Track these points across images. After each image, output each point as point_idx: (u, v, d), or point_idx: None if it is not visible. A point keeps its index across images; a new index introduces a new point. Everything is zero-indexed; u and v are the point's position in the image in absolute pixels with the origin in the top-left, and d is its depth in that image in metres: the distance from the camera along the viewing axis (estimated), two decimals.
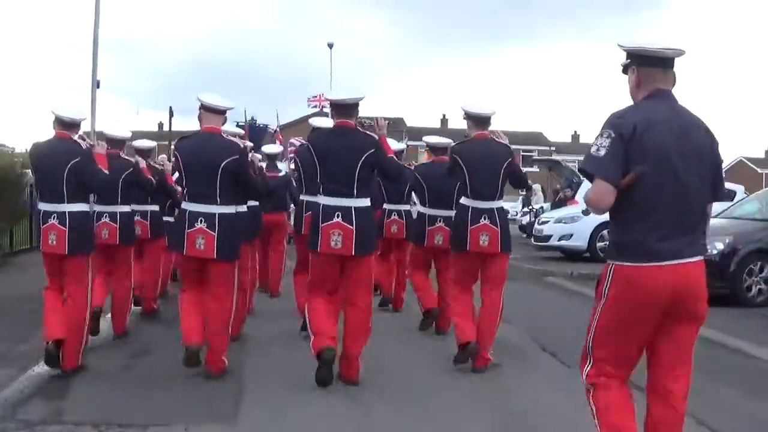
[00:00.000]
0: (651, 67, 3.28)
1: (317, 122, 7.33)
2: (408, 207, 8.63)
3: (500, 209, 6.12)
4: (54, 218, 5.56)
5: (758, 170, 53.62)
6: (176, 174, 6.35)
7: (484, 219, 5.99)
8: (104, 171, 5.79)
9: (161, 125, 47.01)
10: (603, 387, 3.33)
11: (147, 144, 8.27)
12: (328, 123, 6.44)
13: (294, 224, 7.61)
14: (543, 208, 20.79)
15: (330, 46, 35.06)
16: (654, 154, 3.12)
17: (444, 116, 56.93)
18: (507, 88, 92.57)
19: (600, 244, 14.23)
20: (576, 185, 17.88)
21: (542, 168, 33.46)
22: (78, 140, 5.76)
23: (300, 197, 7.37)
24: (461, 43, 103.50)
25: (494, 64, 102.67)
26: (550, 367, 6.31)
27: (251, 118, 23.46)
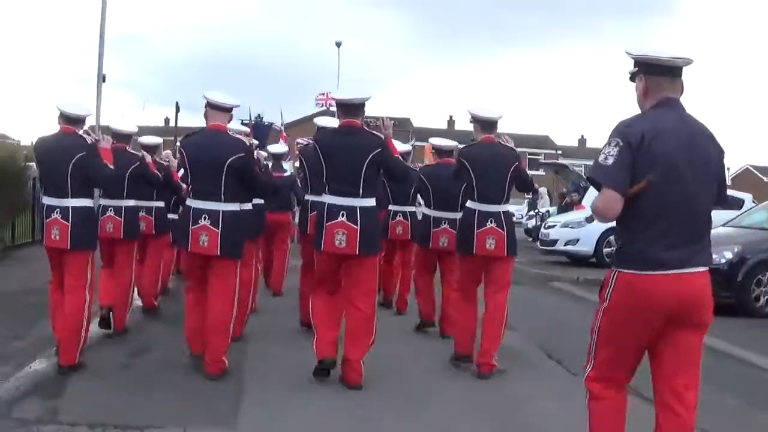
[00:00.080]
0: (659, 76, 3.26)
1: (322, 122, 7.36)
2: (413, 209, 8.60)
3: (506, 213, 6.11)
4: (57, 213, 5.52)
5: (764, 179, 53.32)
6: (181, 170, 6.31)
7: (491, 222, 5.97)
8: (109, 166, 5.77)
9: (167, 120, 46.90)
10: (596, 398, 3.35)
11: (153, 140, 8.27)
12: (333, 123, 6.47)
13: (299, 225, 7.57)
14: (549, 212, 20.73)
15: (338, 45, 35.11)
16: (662, 163, 3.10)
17: (451, 117, 57.09)
18: (515, 91, 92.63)
19: (606, 250, 14.17)
20: (583, 190, 17.78)
21: (548, 171, 33.36)
22: (83, 135, 5.73)
23: (305, 197, 7.34)
24: (470, 45, 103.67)
25: (502, 67, 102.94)
26: (557, 375, 6.22)
27: (257, 116, 23.41)
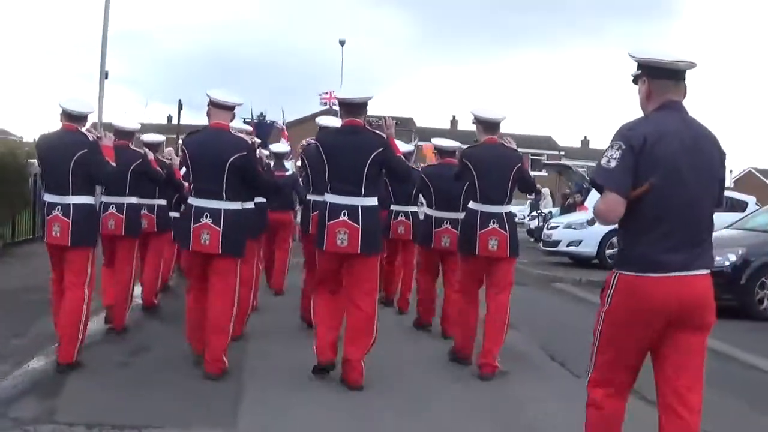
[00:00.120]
0: (662, 79, 3.25)
1: (324, 121, 7.36)
2: (415, 208, 8.61)
3: (509, 214, 6.10)
4: (58, 210, 5.52)
5: (767, 181, 53.21)
6: (183, 168, 6.30)
7: (493, 223, 5.97)
8: (111, 163, 5.75)
9: (170, 118, 46.89)
10: (597, 406, 3.34)
11: (155, 138, 8.30)
12: (335, 122, 6.49)
13: (301, 224, 7.55)
14: (551, 213, 20.66)
15: (342, 44, 34.93)
16: (664, 166, 3.10)
17: (454, 117, 56.96)
18: (517, 91, 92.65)
19: (609, 251, 14.09)
20: (586, 191, 17.71)
21: (551, 172, 33.28)
22: (85, 132, 5.72)
23: (307, 197, 7.32)
24: (473, 45, 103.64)
25: (505, 67, 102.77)
26: (559, 377, 6.17)
27: (260, 114, 23.36)
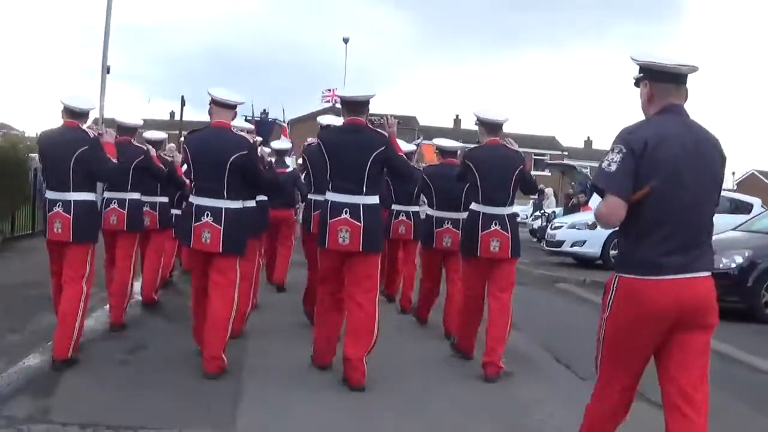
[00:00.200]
0: (664, 83, 3.25)
1: (326, 120, 7.39)
2: (416, 208, 8.61)
3: (511, 215, 6.11)
4: (59, 206, 5.51)
5: None
6: (185, 166, 6.26)
7: (495, 225, 5.96)
8: (112, 160, 5.75)
9: (173, 114, 46.90)
10: (596, 410, 3.39)
11: (158, 135, 8.31)
12: (337, 121, 6.51)
13: (302, 223, 7.51)
14: (555, 213, 20.56)
15: (345, 41, 34.94)
16: (665, 169, 3.11)
17: (457, 116, 56.96)
18: (521, 91, 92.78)
19: (614, 252, 13.95)
20: (590, 191, 17.60)
21: (554, 171, 33.20)
22: (86, 129, 5.71)
23: (308, 196, 7.32)
24: (473, 46, 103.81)
25: (509, 67, 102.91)
26: (565, 380, 6.06)
27: (263, 111, 23.30)
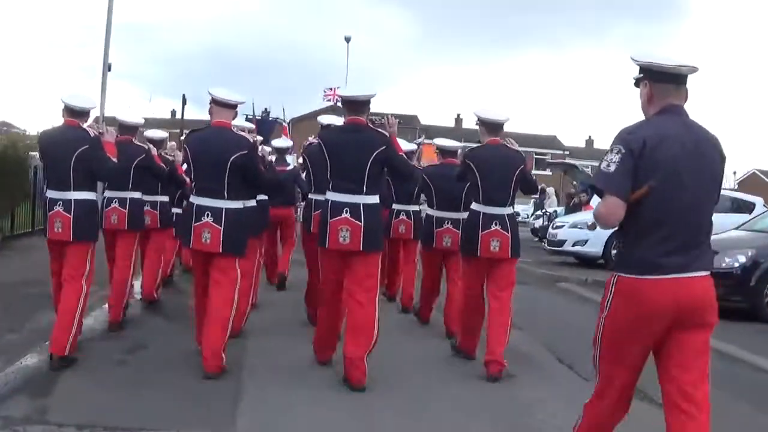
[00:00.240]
0: (664, 83, 3.26)
1: (326, 119, 7.38)
2: (417, 207, 8.60)
3: (511, 215, 6.11)
4: (60, 205, 5.50)
5: None
6: (185, 164, 6.21)
7: (496, 225, 5.97)
8: (113, 159, 5.73)
9: (174, 113, 46.79)
10: (595, 411, 3.38)
11: (159, 134, 8.29)
12: (337, 121, 6.50)
13: (303, 222, 7.47)
14: (556, 212, 20.47)
15: (347, 40, 34.91)
16: (664, 168, 3.11)
17: (458, 116, 56.84)
18: (522, 91, 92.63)
19: (615, 251, 13.85)
20: (591, 190, 17.52)
21: (556, 171, 33.13)
22: (87, 128, 5.70)
23: (309, 196, 7.29)
24: (473, 46, 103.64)
25: (510, 67, 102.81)
26: (567, 380, 6.00)
27: (264, 110, 23.27)
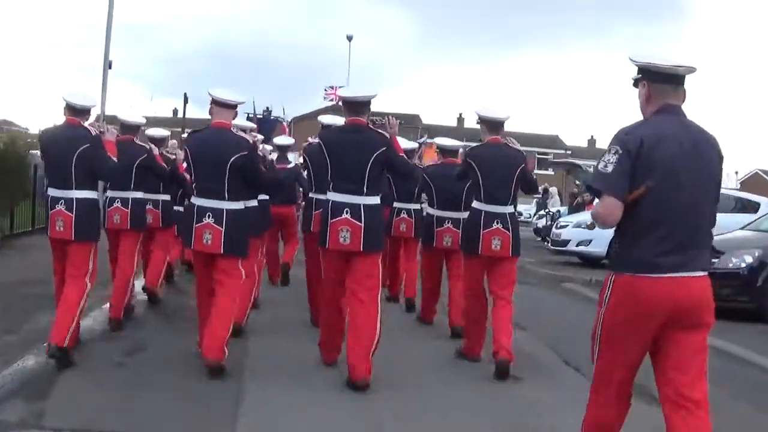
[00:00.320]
0: (662, 83, 3.27)
1: (327, 120, 7.41)
2: (418, 206, 8.60)
3: (512, 214, 6.13)
4: (61, 204, 5.49)
5: None
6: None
7: (497, 223, 5.99)
8: (113, 158, 5.71)
9: (176, 112, 46.77)
10: (599, 405, 3.39)
11: (160, 133, 8.29)
12: (338, 121, 6.50)
13: (303, 222, 7.43)
14: (559, 212, 20.38)
15: (349, 39, 34.94)
16: (662, 168, 3.12)
17: (460, 115, 56.70)
18: (524, 91, 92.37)
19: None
20: None
21: (559, 170, 33.03)
22: (88, 127, 5.68)
23: (309, 195, 7.29)
24: (481, 45, 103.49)
25: (512, 66, 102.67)
26: (571, 380, 5.90)
27: (265, 108, 23.25)
